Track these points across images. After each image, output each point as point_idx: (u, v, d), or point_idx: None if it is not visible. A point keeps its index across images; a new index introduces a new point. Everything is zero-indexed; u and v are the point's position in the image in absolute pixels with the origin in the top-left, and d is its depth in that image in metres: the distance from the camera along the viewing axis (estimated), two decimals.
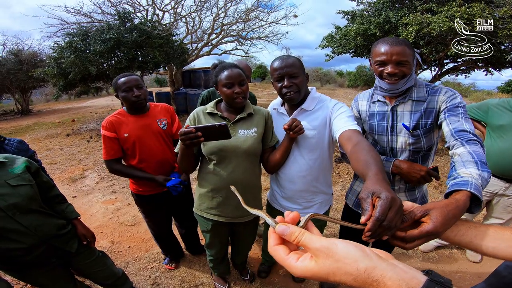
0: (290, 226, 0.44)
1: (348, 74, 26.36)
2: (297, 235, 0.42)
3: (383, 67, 1.22)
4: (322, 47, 7.26)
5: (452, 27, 4.26)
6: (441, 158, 5.23)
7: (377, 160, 0.87)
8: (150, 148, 1.79)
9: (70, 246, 1.42)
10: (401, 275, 0.35)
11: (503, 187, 2.05)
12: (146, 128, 1.78)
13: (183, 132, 1.22)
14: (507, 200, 2.07)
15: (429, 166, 1.42)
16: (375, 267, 0.36)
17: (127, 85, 1.68)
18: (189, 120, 1.50)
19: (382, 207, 0.58)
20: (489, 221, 2.24)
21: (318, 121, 1.42)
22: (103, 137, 1.74)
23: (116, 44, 6.80)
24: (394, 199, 0.60)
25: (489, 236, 0.63)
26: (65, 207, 1.48)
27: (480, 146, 0.99)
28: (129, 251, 2.61)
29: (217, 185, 1.51)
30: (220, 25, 10.05)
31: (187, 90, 9.79)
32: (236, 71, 1.40)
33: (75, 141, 6.76)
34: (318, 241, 0.40)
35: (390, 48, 1.17)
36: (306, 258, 0.40)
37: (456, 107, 1.17)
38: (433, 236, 0.65)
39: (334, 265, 0.37)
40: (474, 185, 0.80)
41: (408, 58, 1.17)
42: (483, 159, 0.92)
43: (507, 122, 1.97)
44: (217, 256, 1.90)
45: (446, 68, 6.97)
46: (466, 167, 0.88)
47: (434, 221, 0.65)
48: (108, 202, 3.60)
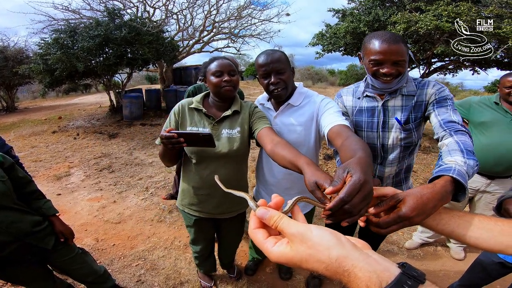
0: (270, 210, 0.43)
1: (340, 72, 26.58)
2: (276, 219, 0.41)
3: (378, 67, 1.17)
4: (313, 44, 7.28)
5: (439, 25, 4.33)
6: (428, 156, 5.33)
7: (365, 149, 0.82)
8: None
9: (46, 243, 1.38)
10: (373, 266, 0.34)
11: (484, 183, 2.08)
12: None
13: (164, 136, 1.19)
14: (489, 197, 2.10)
15: (413, 160, 1.43)
16: (347, 256, 0.35)
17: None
18: (173, 112, 1.47)
19: (350, 187, 0.53)
20: None
21: (305, 117, 1.40)
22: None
23: (105, 40, 6.67)
24: (365, 183, 0.55)
25: (472, 226, 0.62)
26: (42, 203, 1.43)
27: (468, 136, 0.99)
28: (113, 248, 2.57)
29: (198, 184, 1.49)
30: (212, 22, 9.96)
31: (178, 87, 9.68)
32: (226, 61, 1.38)
33: (61, 138, 6.61)
34: (295, 226, 0.39)
35: (387, 47, 1.10)
36: (283, 243, 0.40)
37: (444, 99, 1.17)
38: (407, 221, 0.64)
39: (307, 251, 0.36)
40: (457, 170, 0.78)
41: (404, 57, 1.13)
42: (470, 148, 0.91)
43: (488, 119, 2.02)
44: (203, 253, 1.87)
45: (434, 67, 7.08)
46: (451, 156, 0.88)
47: (406, 206, 0.65)
48: (93, 199, 3.54)
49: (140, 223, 2.94)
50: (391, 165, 1.36)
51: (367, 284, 0.32)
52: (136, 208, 3.26)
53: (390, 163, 1.35)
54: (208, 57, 1.79)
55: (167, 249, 2.54)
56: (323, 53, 7.24)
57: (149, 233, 2.77)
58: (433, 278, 2.21)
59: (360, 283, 0.33)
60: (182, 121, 1.46)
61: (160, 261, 2.40)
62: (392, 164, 1.36)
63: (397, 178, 1.43)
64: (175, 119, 1.47)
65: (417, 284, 0.32)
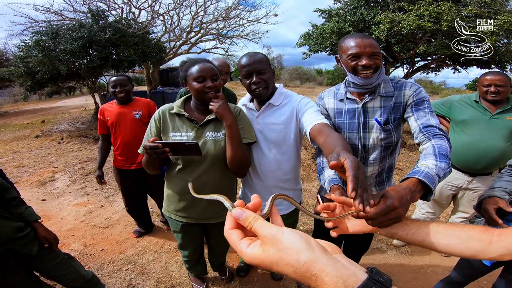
0: (246, 211, 0.43)
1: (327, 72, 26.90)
2: (251, 220, 0.41)
3: (357, 60, 1.19)
4: (300, 45, 7.35)
5: (421, 25, 4.45)
6: (413, 154, 5.47)
7: (344, 144, 0.91)
8: (124, 130, 2.33)
9: (30, 249, 1.34)
10: (340, 271, 0.34)
11: (466, 180, 2.13)
12: (122, 115, 2.33)
13: (148, 147, 1.17)
14: (471, 194, 2.15)
15: (395, 159, 1.45)
16: (315, 260, 0.35)
17: (114, 83, 2.28)
18: (154, 119, 1.43)
19: (352, 164, 0.63)
20: (456, 215, 2.33)
21: (285, 116, 1.44)
22: (98, 118, 2.42)
23: (89, 42, 6.52)
24: (359, 163, 0.65)
25: (439, 234, 0.65)
26: (23, 209, 1.39)
27: (446, 139, 1.04)
28: (102, 253, 2.51)
29: (184, 189, 1.45)
30: (199, 23, 9.89)
31: (165, 89, 9.58)
32: (208, 65, 1.35)
33: (44, 143, 6.41)
34: (268, 228, 0.39)
35: (361, 41, 1.16)
36: (256, 245, 0.40)
37: (422, 101, 1.20)
38: (393, 211, 0.71)
39: (278, 254, 0.36)
40: (424, 173, 0.85)
41: (379, 50, 1.19)
42: (444, 152, 0.96)
43: (468, 117, 2.06)
44: (192, 257, 1.84)
45: (417, 66, 7.27)
46: (425, 160, 0.94)
47: (390, 198, 0.72)
48: (80, 204, 3.45)
49: (129, 227, 2.89)
50: (373, 165, 1.38)
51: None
52: (124, 213, 3.18)
53: (372, 163, 1.38)
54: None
55: (157, 253, 2.51)
56: (310, 53, 7.31)
57: (138, 237, 2.72)
58: (421, 275, 2.26)
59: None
60: (163, 127, 1.42)
61: (151, 264, 2.36)
62: (374, 164, 1.38)
63: (379, 178, 1.45)
64: (156, 126, 1.42)
65: None
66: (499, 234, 0.62)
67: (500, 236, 0.61)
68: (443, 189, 2.25)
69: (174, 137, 1.41)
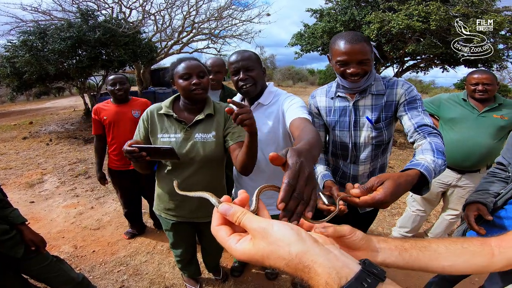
0: (233, 206, 0.42)
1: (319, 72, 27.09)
2: (239, 215, 0.40)
3: (345, 67, 1.20)
4: (292, 44, 7.39)
5: (410, 25, 4.52)
6: (403, 152, 5.55)
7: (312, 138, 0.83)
8: (123, 130, 2.28)
9: (15, 252, 1.31)
10: (333, 262, 0.33)
11: (455, 178, 2.16)
12: (121, 114, 2.28)
13: (126, 151, 1.15)
14: (460, 191, 2.19)
15: (387, 158, 1.45)
16: (307, 251, 0.34)
17: (112, 81, 2.24)
18: (142, 120, 1.41)
19: (293, 168, 0.51)
20: (446, 212, 2.36)
21: (273, 115, 1.42)
22: (92, 118, 2.35)
23: (78, 42, 6.42)
24: (301, 167, 0.52)
25: (441, 256, 0.59)
26: (9, 212, 1.35)
27: (440, 137, 1.06)
28: (93, 255, 2.47)
29: (173, 189, 1.43)
30: (191, 23, 9.83)
31: (156, 89, 9.48)
32: (194, 62, 1.33)
33: (33, 144, 6.26)
34: (257, 221, 0.38)
35: (351, 47, 1.14)
36: (246, 240, 0.38)
37: (414, 100, 1.21)
38: (382, 203, 0.72)
39: (269, 247, 0.35)
40: (425, 166, 0.86)
41: (368, 55, 1.17)
42: (441, 149, 0.98)
43: (456, 115, 2.09)
44: (184, 257, 1.82)
45: (406, 65, 7.38)
46: (423, 154, 0.95)
47: (385, 190, 0.73)
48: (69, 206, 3.38)
49: (120, 229, 2.84)
50: (364, 164, 1.38)
51: (326, 281, 0.32)
52: (115, 214, 3.14)
53: (363, 161, 1.38)
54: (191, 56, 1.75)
55: (150, 254, 2.47)
56: (302, 53, 7.36)
57: (130, 239, 2.69)
58: (414, 272, 2.28)
59: (320, 279, 0.32)
60: (152, 128, 1.40)
61: (143, 266, 2.33)
62: (365, 163, 1.38)
63: (371, 177, 1.46)
64: (144, 127, 1.40)
65: (377, 282, 0.32)
66: (499, 245, 0.59)
67: (500, 247, 0.58)
68: (433, 186, 2.22)
69: (162, 138, 1.39)
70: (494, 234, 1.11)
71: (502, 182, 1.27)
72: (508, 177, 1.24)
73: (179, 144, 1.36)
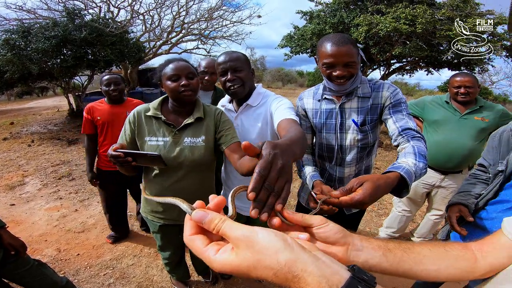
0: (210, 213, 0.38)
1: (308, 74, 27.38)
2: (217, 222, 0.36)
3: (331, 70, 1.20)
4: (282, 46, 7.43)
5: (397, 27, 4.62)
6: (389, 153, 5.66)
7: (292, 136, 0.82)
8: (117, 131, 2.13)
9: None
10: (322, 270, 0.32)
11: (439, 178, 2.21)
12: (116, 115, 2.23)
13: (110, 155, 1.11)
14: (443, 192, 2.24)
15: (372, 160, 1.46)
16: (296, 259, 0.32)
17: (107, 81, 2.20)
18: (128, 121, 1.35)
19: (266, 158, 0.50)
20: (430, 212, 2.42)
21: (262, 117, 1.41)
22: (83, 117, 2.27)
23: (62, 41, 6.24)
24: (275, 157, 0.51)
25: (427, 258, 0.56)
26: None
27: (423, 141, 1.08)
28: (78, 258, 2.40)
29: (161, 193, 1.40)
30: (181, 23, 9.72)
31: (144, 89, 9.32)
32: (183, 63, 1.30)
33: (13, 145, 6.01)
34: (239, 229, 0.35)
35: (337, 50, 1.14)
36: (227, 250, 0.35)
37: (399, 103, 1.22)
38: (361, 203, 0.76)
39: (255, 257, 0.33)
40: (406, 169, 0.88)
41: (354, 58, 1.17)
42: (422, 152, 1.00)
43: (440, 117, 2.14)
44: (172, 259, 1.77)
45: (393, 68, 7.55)
46: (405, 157, 0.98)
47: (364, 191, 0.75)
48: (52, 209, 3.27)
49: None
50: (349, 166, 1.39)
51: None
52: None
53: (348, 163, 1.38)
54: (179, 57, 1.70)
55: (137, 257, 2.41)
56: (292, 55, 7.41)
57: (114, 243, 2.61)
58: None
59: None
60: (138, 130, 1.35)
61: (130, 269, 2.27)
62: (351, 165, 1.39)
63: None
64: (130, 129, 1.35)
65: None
66: (480, 249, 0.57)
67: (482, 251, 0.57)
68: (417, 187, 2.32)
69: (150, 141, 1.34)
70: (476, 234, 1.13)
71: (483, 183, 1.30)
72: (489, 178, 1.27)
73: (167, 148, 1.32)
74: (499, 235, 0.57)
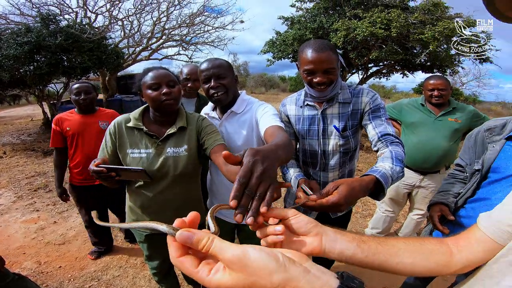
0: (196, 232, 0.37)
1: (290, 79, 27.81)
2: (206, 243, 0.36)
3: (312, 76, 1.22)
4: (264, 52, 7.51)
5: (373, 32, 4.81)
6: (370, 155, 5.85)
7: (278, 141, 0.84)
8: (87, 141, 2.13)
9: None
10: (312, 283, 0.33)
11: (418, 179, 2.28)
12: (87, 126, 2.13)
13: (92, 171, 1.07)
14: (424, 191, 2.32)
15: (355, 164, 1.50)
16: (290, 279, 0.33)
17: (77, 90, 2.08)
18: (109, 133, 1.30)
19: (246, 166, 0.51)
20: (413, 212, 2.50)
21: (247, 123, 1.40)
22: (52, 129, 2.15)
23: (36, 48, 5.98)
24: (255, 164, 0.52)
25: (401, 250, 0.57)
26: None
27: (401, 146, 1.12)
28: (60, 271, 2.30)
29: (145, 203, 1.37)
30: (161, 29, 9.59)
31: (123, 96, 9.06)
32: (163, 71, 1.27)
33: None
34: (230, 250, 0.35)
35: (317, 56, 1.15)
36: (219, 270, 0.35)
37: (378, 109, 1.25)
38: (337, 205, 0.79)
39: (249, 279, 0.33)
40: (382, 173, 0.92)
41: (334, 64, 1.18)
42: (400, 157, 1.04)
43: (416, 119, 2.22)
44: (160, 269, 1.70)
45: (370, 71, 7.82)
46: (383, 162, 1.02)
47: (339, 194, 0.79)
48: (29, 221, 3.12)
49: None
50: (333, 170, 1.41)
51: None
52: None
53: (332, 168, 1.41)
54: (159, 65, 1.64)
55: (123, 268, 2.33)
56: (274, 60, 7.51)
57: (97, 258, 2.49)
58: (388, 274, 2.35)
59: None
60: (120, 142, 1.30)
61: (117, 280, 2.19)
62: (334, 169, 1.41)
63: None
64: (111, 141, 1.30)
65: None
66: (456, 243, 0.58)
67: (457, 246, 0.58)
68: (398, 188, 2.39)
69: (132, 154, 1.29)
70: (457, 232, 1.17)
71: (461, 182, 1.36)
72: (466, 177, 1.32)
73: (150, 160, 1.29)
74: (474, 230, 0.58)
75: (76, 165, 2.15)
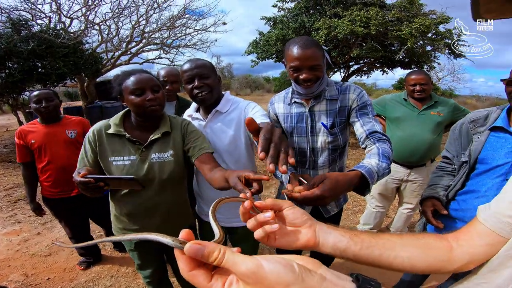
0: (206, 245, 0.35)
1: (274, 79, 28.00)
2: (218, 256, 0.35)
3: (298, 73, 1.22)
4: (248, 53, 7.51)
5: (353, 30, 4.92)
6: (356, 151, 5.98)
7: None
8: (56, 152, 1.99)
9: None
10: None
11: (406, 173, 2.33)
12: (53, 135, 2.00)
13: (78, 182, 1.02)
14: (412, 185, 2.36)
15: (345, 162, 1.51)
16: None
17: (37, 98, 1.94)
18: (88, 141, 1.24)
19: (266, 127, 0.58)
20: (402, 206, 2.54)
21: (233, 123, 1.39)
22: (16, 144, 2.02)
23: (7, 54, 5.70)
24: (273, 128, 0.60)
25: (397, 244, 0.56)
26: None
27: (388, 143, 1.14)
28: (49, 282, 2.23)
29: (131, 211, 1.32)
30: (140, 32, 9.37)
31: (103, 102, 8.77)
32: (146, 75, 1.22)
33: None
34: (244, 263, 0.34)
35: (302, 53, 1.16)
36: (233, 283, 0.35)
37: (365, 106, 1.27)
38: (321, 198, 0.79)
39: None
40: (367, 168, 0.94)
41: (320, 61, 1.19)
42: (386, 154, 1.06)
43: (400, 114, 2.27)
44: (153, 277, 1.64)
45: (352, 69, 8.01)
46: (370, 158, 1.03)
47: (324, 187, 0.79)
48: (11, 233, 2.99)
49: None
50: (322, 168, 1.42)
51: None
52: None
53: (321, 166, 1.41)
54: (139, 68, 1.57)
55: (114, 277, 2.27)
56: (258, 61, 7.53)
57: (86, 268, 2.41)
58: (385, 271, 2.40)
59: None
60: (101, 151, 1.24)
61: None
62: (323, 167, 1.41)
63: None
64: (91, 149, 1.24)
65: None
66: (456, 239, 0.57)
67: (458, 240, 0.56)
68: (387, 183, 2.43)
69: (115, 162, 1.24)
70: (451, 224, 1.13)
71: (449, 175, 1.38)
72: (454, 169, 1.35)
73: (135, 167, 1.24)
74: (475, 224, 0.58)
75: (47, 178, 2.03)
